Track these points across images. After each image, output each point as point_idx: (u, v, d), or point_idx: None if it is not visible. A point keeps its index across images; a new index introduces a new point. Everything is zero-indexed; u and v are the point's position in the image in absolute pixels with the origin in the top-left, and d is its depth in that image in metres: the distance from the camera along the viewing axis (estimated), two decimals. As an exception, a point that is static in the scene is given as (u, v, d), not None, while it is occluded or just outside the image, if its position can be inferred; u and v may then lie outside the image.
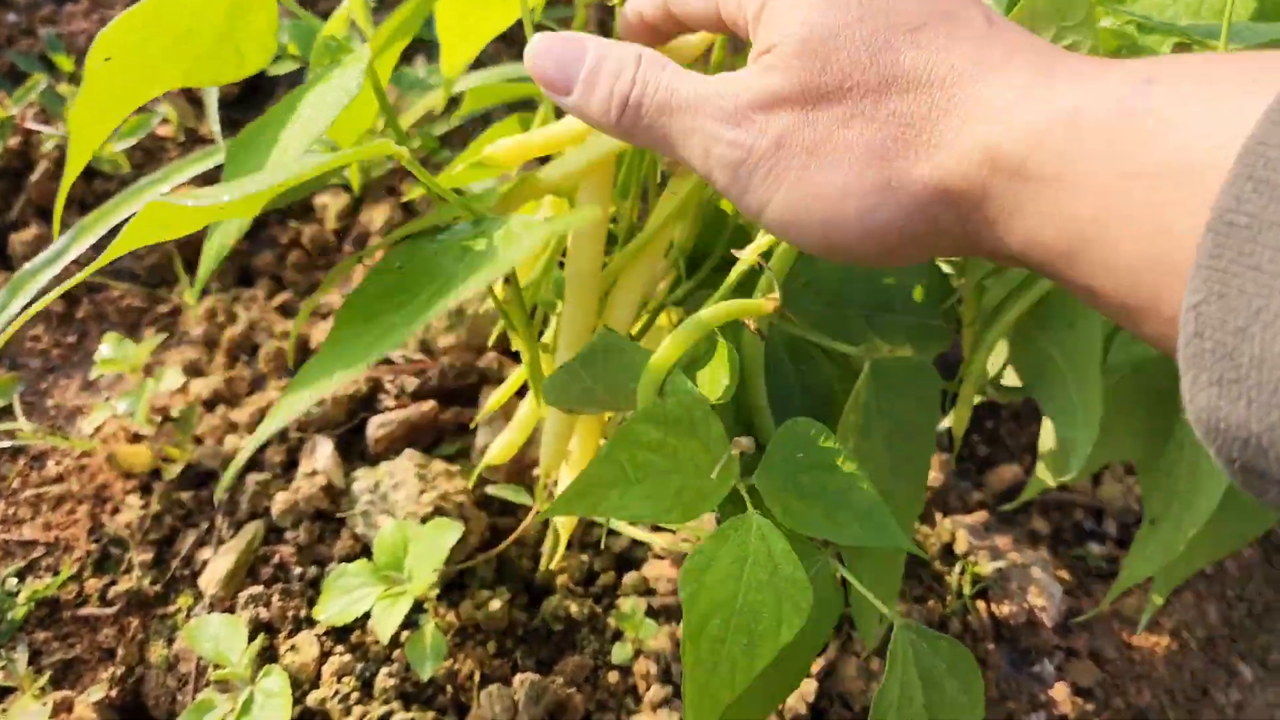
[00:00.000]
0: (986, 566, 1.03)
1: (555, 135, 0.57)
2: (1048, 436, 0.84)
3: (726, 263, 0.67)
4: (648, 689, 0.88)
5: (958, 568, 1.04)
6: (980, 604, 1.02)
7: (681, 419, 0.53)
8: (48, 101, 1.24)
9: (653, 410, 0.53)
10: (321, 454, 0.99)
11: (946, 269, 0.70)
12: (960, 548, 1.05)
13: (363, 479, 0.98)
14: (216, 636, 0.86)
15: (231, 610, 0.90)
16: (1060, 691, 0.99)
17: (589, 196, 0.62)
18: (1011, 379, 0.75)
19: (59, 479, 1.00)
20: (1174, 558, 0.64)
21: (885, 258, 0.43)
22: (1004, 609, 1.01)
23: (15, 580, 0.92)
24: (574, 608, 0.91)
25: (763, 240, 0.54)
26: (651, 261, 0.65)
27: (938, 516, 1.09)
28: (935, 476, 1.12)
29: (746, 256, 0.54)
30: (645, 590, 0.95)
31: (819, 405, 0.64)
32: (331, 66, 0.58)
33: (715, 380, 0.55)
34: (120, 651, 0.88)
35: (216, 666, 0.84)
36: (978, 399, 0.80)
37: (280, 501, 0.96)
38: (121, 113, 0.56)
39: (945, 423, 0.85)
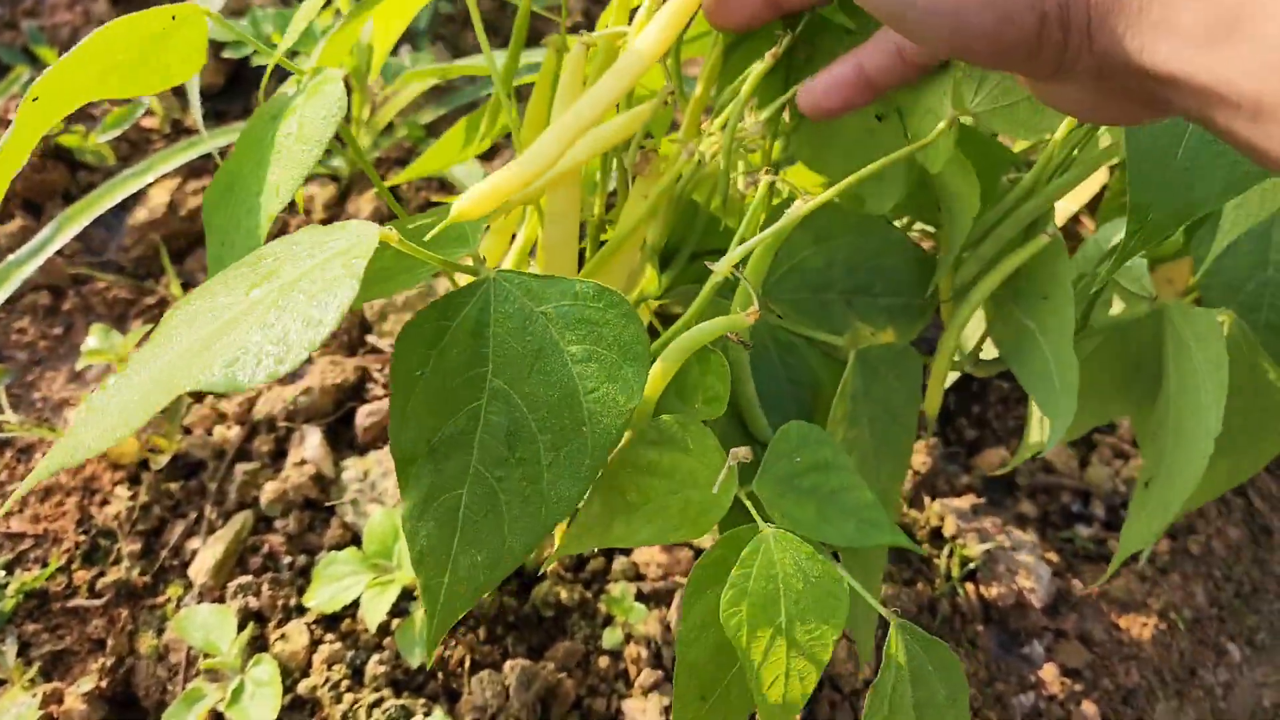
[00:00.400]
0: (975, 549, 1.03)
1: (526, 173, 0.54)
2: (1035, 404, 0.85)
3: (700, 254, 0.67)
4: (638, 673, 0.88)
5: (946, 550, 1.04)
6: (969, 586, 1.03)
7: (675, 437, 0.53)
8: (31, 93, 1.23)
9: (646, 433, 0.54)
10: (310, 443, 0.98)
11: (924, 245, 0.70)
12: (948, 530, 1.05)
13: (352, 468, 0.98)
14: (206, 626, 0.86)
15: (221, 600, 0.90)
16: (1049, 672, 0.99)
17: (557, 204, 0.61)
18: (992, 353, 0.76)
19: (46, 471, 0.99)
20: (1170, 520, 0.65)
21: (996, 39, 0.41)
22: (993, 591, 1.02)
23: (3, 573, 0.92)
24: (564, 594, 0.92)
25: (735, 252, 0.53)
26: (627, 261, 0.65)
27: (926, 500, 1.09)
28: (923, 460, 1.13)
29: (720, 268, 0.53)
30: (635, 575, 0.95)
31: (805, 395, 0.65)
32: (300, 92, 0.57)
33: (710, 391, 0.55)
34: (110, 642, 0.88)
35: (206, 656, 0.84)
36: (956, 375, 0.80)
37: (269, 491, 0.96)
38: (50, 120, 0.55)
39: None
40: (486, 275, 0.50)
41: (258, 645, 0.87)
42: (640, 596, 0.93)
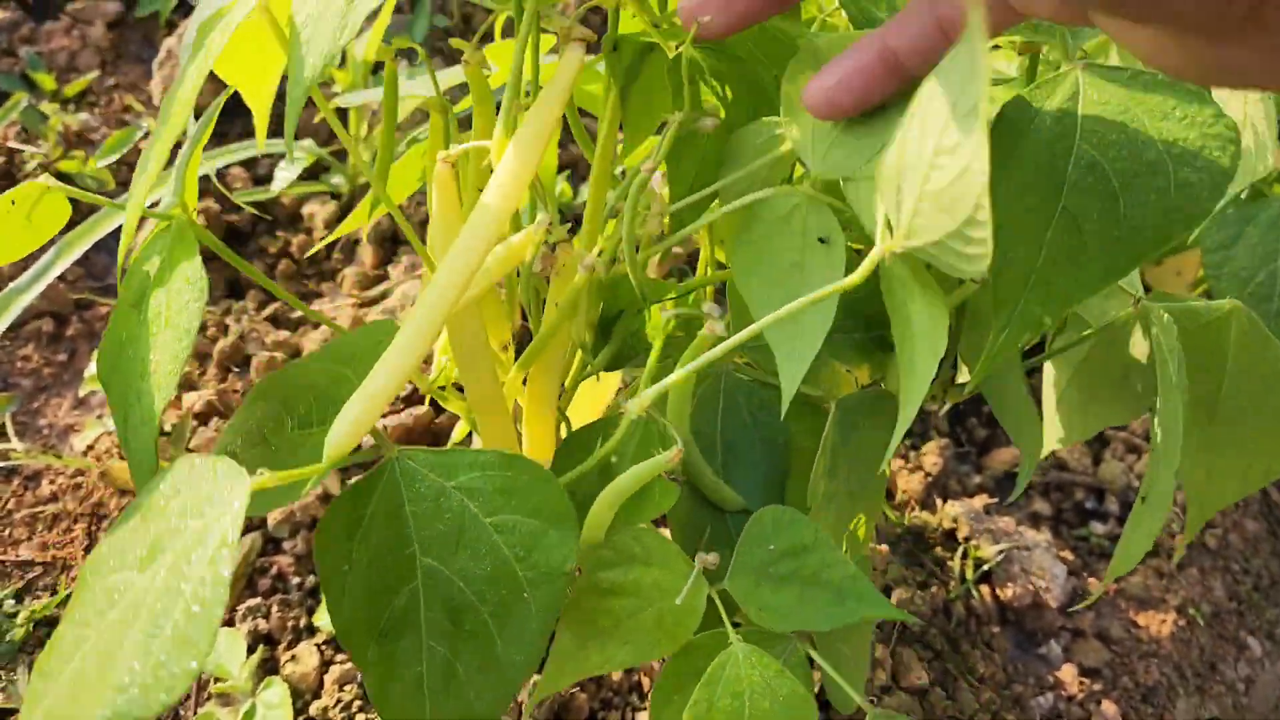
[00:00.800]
0: (988, 550, 1.02)
1: (390, 386, 0.48)
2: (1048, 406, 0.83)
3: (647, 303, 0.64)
4: (652, 686, 0.87)
5: (959, 552, 1.03)
6: (984, 588, 1.02)
7: (634, 554, 0.52)
8: (29, 120, 1.24)
9: (602, 556, 0.52)
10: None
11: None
12: (962, 532, 1.04)
13: (358, 486, 0.97)
14: (216, 650, 0.85)
15: (230, 623, 0.89)
16: (1068, 672, 0.98)
17: (462, 343, 0.59)
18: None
19: (54, 498, 0.99)
20: (1156, 535, 0.63)
21: None
22: (1008, 592, 1.01)
23: (13, 601, 0.92)
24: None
25: (648, 393, 0.49)
26: (557, 354, 0.63)
27: (938, 502, 1.09)
28: (934, 461, 1.12)
29: (634, 409, 0.49)
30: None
31: (778, 454, 0.62)
32: (161, 257, 0.56)
33: (664, 484, 0.53)
34: (121, 669, 0.88)
35: (217, 680, 0.84)
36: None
37: (276, 512, 0.95)
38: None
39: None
40: (389, 457, 0.49)
41: (268, 668, 0.86)
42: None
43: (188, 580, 0.39)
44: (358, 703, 0.83)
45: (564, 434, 0.68)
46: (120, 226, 1.11)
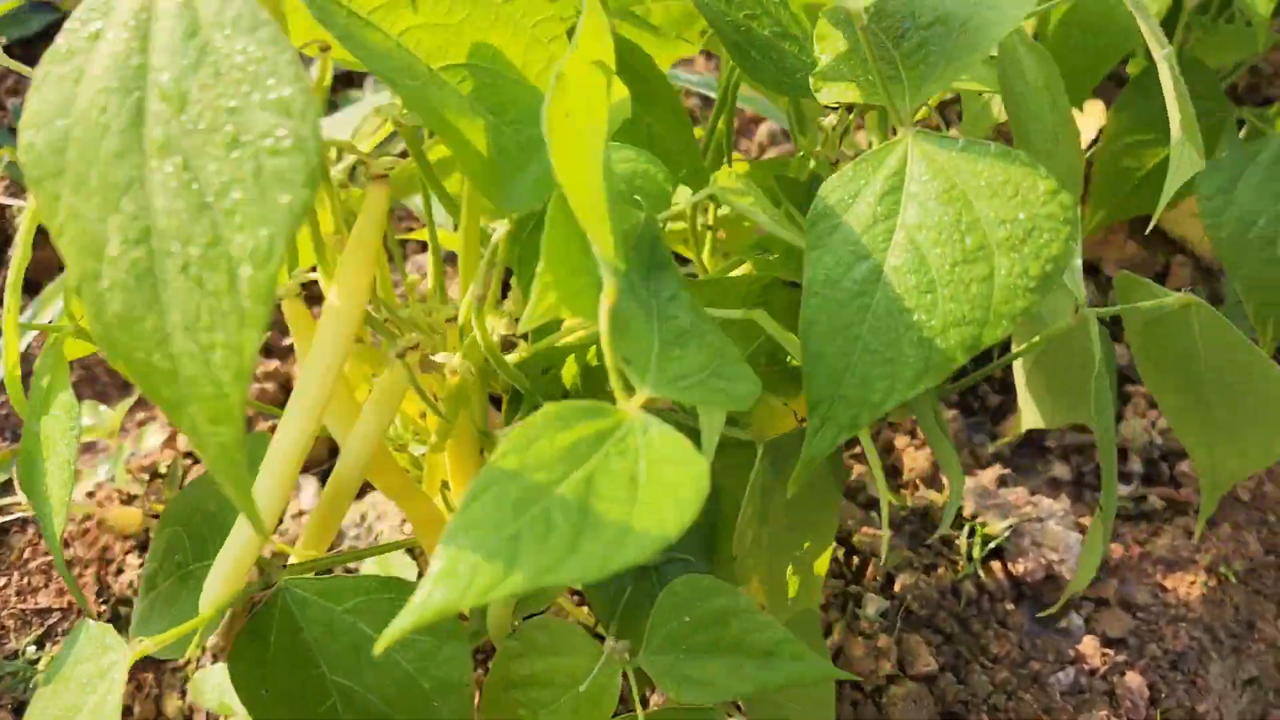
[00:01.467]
0: (996, 525, 0.99)
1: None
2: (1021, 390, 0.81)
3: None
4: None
5: (966, 530, 1.00)
6: (995, 564, 0.99)
7: (540, 643, 0.52)
8: (18, 175, 1.26)
9: (509, 649, 0.53)
10: (307, 493, 0.99)
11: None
12: (968, 510, 1.01)
13: (349, 513, 0.98)
14: (220, 687, 0.86)
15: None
16: (1089, 645, 0.95)
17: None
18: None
19: (65, 545, 1.02)
20: (1109, 539, 0.62)
21: None
22: (1019, 567, 0.98)
23: (34, 648, 0.95)
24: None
25: None
26: (466, 424, 0.61)
27: (943, 479, 1.06)
28: (939, 437, 1.09)
29: None
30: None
31: (707, 505, 0.60)
32: (48, 396, 0.59)
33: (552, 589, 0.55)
34: (136, 708, 0.90)
35: (226, 716, 0.85)
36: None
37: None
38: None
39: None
40: (277, 585, 0.52)
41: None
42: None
43: None
44: None
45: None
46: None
